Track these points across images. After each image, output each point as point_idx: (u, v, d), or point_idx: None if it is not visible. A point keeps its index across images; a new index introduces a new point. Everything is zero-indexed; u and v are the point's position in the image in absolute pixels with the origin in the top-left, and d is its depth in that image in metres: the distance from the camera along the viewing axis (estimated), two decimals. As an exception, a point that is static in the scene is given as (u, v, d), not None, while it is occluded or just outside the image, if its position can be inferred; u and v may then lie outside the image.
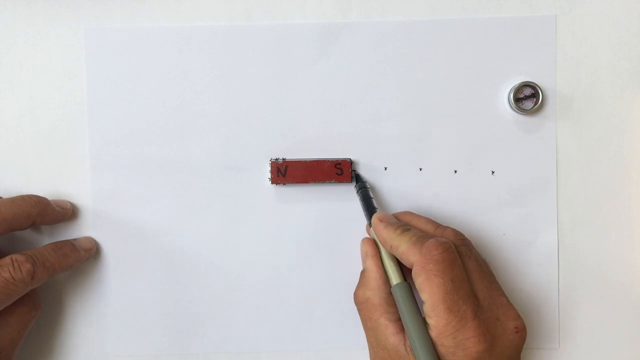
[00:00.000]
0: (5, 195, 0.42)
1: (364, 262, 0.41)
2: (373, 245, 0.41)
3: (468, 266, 0.37)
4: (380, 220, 0.40)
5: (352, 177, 0.43)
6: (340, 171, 0.43)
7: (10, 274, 0.38)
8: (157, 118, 0.43)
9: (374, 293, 0.39)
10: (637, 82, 0.43)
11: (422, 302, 0.36)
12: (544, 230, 0.43)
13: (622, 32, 0.43)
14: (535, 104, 0.42)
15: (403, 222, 0.41)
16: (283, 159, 0.43)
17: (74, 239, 0.43)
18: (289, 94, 0.43)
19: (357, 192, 0.42)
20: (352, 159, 0.43)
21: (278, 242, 0.44)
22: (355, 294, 0.40)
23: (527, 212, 0.43)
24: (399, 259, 0.38)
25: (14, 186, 0.43)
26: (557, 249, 0.43)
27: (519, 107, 0.42)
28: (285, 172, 0.43)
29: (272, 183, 0.43)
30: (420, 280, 0.36)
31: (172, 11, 0.43)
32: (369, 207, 0.41)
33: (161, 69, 0.43)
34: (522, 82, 0.42)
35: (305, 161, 0.43)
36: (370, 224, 0.41)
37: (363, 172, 0.43)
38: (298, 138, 0.43)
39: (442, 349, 0.35)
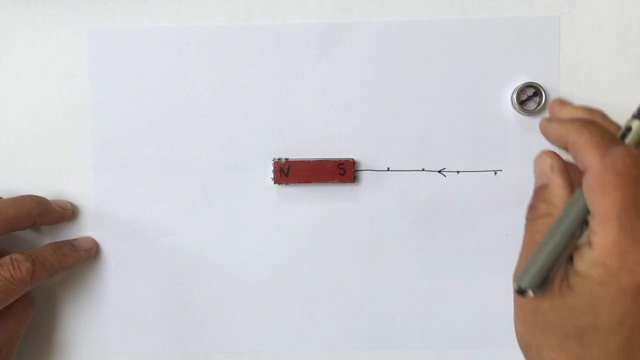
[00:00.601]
0: (5, 196, 0.42)
1: (544, 175, 0.35)
2: (559, 158, 0.35)
3: None
4: (562, 104, 0.36)
5: (353, 177, 0.43)
6: (342, 171, 0.42)
7: (10, 273, 0.38)
8: (158, 118, 0.43)
9: (558, 210, 0.33)
10: (638, 82, 0.43)
11: (589, 214, 0.32)
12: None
13: (622, 32, 0.43)
14: (539, 104, 0.42)
15: (585, 118, 0.35)
16: (286, 158, 0.43)
17: (74, 239, 0.43)
18: (290, 93, 0.43)
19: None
20: (354, 158, 0.43)
21: (279, 242, 0.44)
22: (532, 208, 0.35)
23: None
24: (572, 156, 0.33)
25: (14, 186, 0.43)
26: (559, 249, 0.43)
27: (522, 108, 0.42)
28: (288, 172, 0.43)
29: (274, 183, 0.43)
30: (594, 191, 0.31)
31: (173, 11, 0.43)
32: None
33: (162, 69, 0.43)
34: (525, 83, 0.42)
35: (308, 161, 0.43)
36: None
37: (365, 172, 0.43)
38: (299, 138, 0.43)
39: (601, 271, 0.30)
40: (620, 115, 0.43)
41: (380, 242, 0.43)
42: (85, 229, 0.44)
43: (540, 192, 0.35)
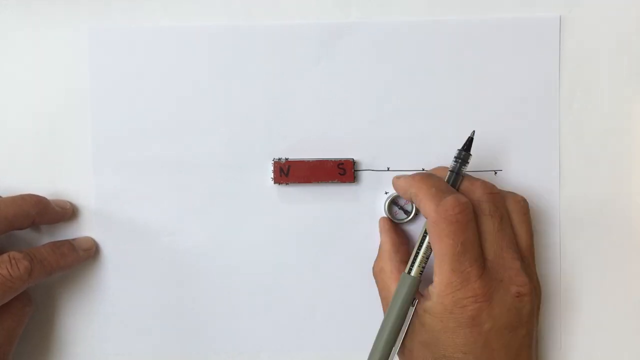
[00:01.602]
0: (5, 195, 0.42)
1: (380, 236, 0.43)
2: (387, 221, 0.42)
3: (486, 226, 0.37)
4: (397, 176, 0.41)
5: (353, 177, 0.43)
6: (342, 171, 0.42)
7: (8, 270, 0.38)
8: (158, 118, 0.43)
9: (386, 264, 0.40)
10: (638, 82, 0.43)
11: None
12: (546, 231, 0.43)
13: (622, 32, 0.43)
14: (408, 215, 0.43)
15: (427, 172, 0.42)
16: (286, 158, 0.43)
17: (73, 239, 0.43)
18: (290, 93, 0.43)
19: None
20: (354, 159, 0.43)
21: (280, 242, 0.44)
22: (372, 267, 0.42)
23: (530, 213, 0.43)
24: (417, 206, 0.39)
25: (14, 186, 0.43)
26: (559, 250, 0.43)
27: (393, 216, 0.43)
28: (288, 172, 0.43)
29: (274, 183, 0.43)
30: (431, 236, 0.37)
31: (173, 11, 0.43)
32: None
33: (163, 69, 0.43)
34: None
35: (308, 161, 0.43)
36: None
37: (365, 172, 0.43)
38: (300, 138, 0.43)
39: (440, 307, 0.36)
40: (621, 115, 0.43)
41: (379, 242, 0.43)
42: (85, 228, 0.44)
43: (378, 251, 0.42)
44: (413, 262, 0.38)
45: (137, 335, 0.44)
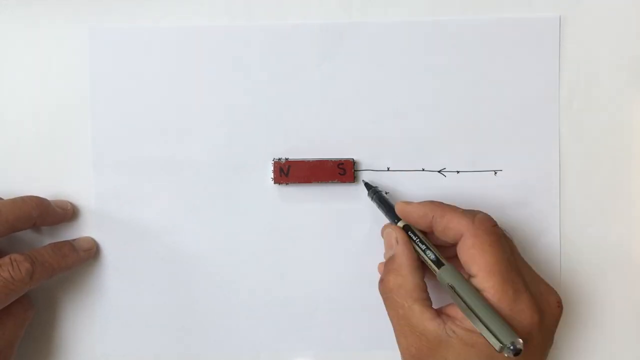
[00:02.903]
0: (6, 195, 0.42)
1: (391, 248, 0.39)
2: (402, 230, 0.39)
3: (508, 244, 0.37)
4: (409, 202, 0.39)
5: (353, 177, 0.43)
6: (342, 171, 0.42)
7: (10, 273, 0.37)
8: (158, 118, 0.43)
9: (406, 279, 0.37)
10: (638, 82, 0.43)
11: (471, 276, 0.35)
12: (547, 231, 0.43)
13: (622, 32, 0.43)
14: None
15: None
16: (286, 158, 0.43)
17: (73, 240, 0.43)
18: (291, 93, 0.43)
19: (373, 198, 0.42)
20: (354, 159, 0.43)
21: (280, 242, 0.44)
22: (382, 282, 0.38)
23: (530, 213, 0.43)
24: (439, 231, 0.37)
25: (14, 186, 0.43)
26: (559, 249, 0.43)
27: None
28: (288, 172, 0.42)
29: (274, 183, 0.43)
30: (473, 251, 0.35)
31: (173, 11, 0.43)
32: (389, 205, 0.41)
33: (163, 69, 0.43)
34: None
35: (308, 161, 0.43)
36: (393, 220, 0.40)
37: (366, 172, 0.43)
38: (300, 138, 0.43)
39: None
40: (621, 115, 0.43)
41: (380, 242, 0.43)
42: (85, 229, 0.44)
43: (388, 263, 0.39)
44: (436, 256, 0.37)
45: (137, 335, 0.44)
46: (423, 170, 0.43)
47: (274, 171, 0.43)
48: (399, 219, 0.40)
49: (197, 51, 0.43)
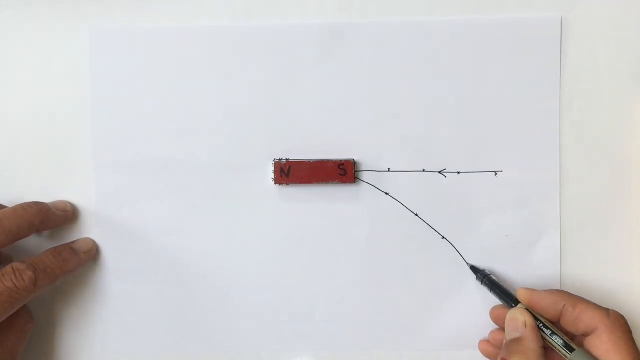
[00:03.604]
0: (5, 197, 0.42)
1: (516, 330, 0.39)
2: (531, 316, 0.39)
3: None
4: (533, 289, 0.40)
5: (354, 178, 0.43)
6: (343, 172, 0.42)
7: (13, 282, 0.37)
8: (159, 118, 0.43)
9: None
10: (638, 82, 0.43)
11: None
12: (547, 232, 0.43)
13: (622, 32, 0.43)
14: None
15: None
16: (286, 159, 0.43)
17: (73, 242, 0.43)
18: (291, 94, 0.43)
19: (483, 282, 0.42)
20: (355, 159, 0.43)
21: (280, 242, 0.44)
22: None
23: (530, 214, 0.43)
24: (568, 322, 0.38)
25: (15, 187, 0.43)
26: (559, 250, 0.43)
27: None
28: (289, 173, 0.42)
29: (275, 183, 0.43)
30: (609, 345, 0.36)
31: (173, 11, 0.43)
32: (503, 289, 0.41)
33: (163, 69, 0.43)
34: None
35: (309, 162, 0.43)
36: (509, 304, 0.40)
37: (366, 172, 0.43)
38: (301, 138, 0.43)
39: None
40: (621, 115, 0.43)
41: (380, 243, 0.43)
42: (86, 229, 0.44)
43: (513, 345, 0.38)
44: (564, 341, 0.38)
45: (137, 335, 0.44)
46: (424, 170, 0.43)
47: (275, 172, 0.43)
48: (516, 303, 0.40)
49: (198, 51, 0.43)
